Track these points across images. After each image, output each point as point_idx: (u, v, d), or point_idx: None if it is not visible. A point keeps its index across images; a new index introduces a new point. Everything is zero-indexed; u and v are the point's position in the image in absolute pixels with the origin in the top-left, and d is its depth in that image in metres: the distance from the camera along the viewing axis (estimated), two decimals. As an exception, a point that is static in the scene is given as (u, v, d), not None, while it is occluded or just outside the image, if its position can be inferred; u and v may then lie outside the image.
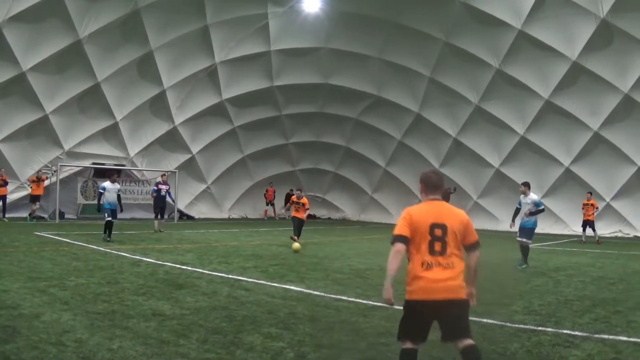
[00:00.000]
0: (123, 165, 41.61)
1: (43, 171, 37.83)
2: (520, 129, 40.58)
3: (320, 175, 51.34)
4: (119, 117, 39.86)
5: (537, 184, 40.02)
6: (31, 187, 36.62)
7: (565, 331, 11.02)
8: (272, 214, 50.72)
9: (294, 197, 28.03)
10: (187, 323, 10.74)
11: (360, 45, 41.58)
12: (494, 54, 38.43)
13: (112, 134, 40.68)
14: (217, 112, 44.33)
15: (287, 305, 12.77)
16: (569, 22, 35.32)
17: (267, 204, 50.51)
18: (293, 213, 27.89)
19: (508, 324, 11.37)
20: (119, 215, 27.56)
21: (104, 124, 39.83)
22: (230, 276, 16.66)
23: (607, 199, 38.94)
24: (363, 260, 22.10)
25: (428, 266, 7.11)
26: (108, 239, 25.34)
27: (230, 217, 49.00)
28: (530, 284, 16.98)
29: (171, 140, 43.71)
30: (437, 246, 7.19)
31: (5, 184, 35.40)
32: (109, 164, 40.99)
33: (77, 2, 33.49)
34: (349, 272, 18.56)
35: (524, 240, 21.66)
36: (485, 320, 11.44)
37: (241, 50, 41.40)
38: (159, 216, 33.18)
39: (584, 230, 35.19)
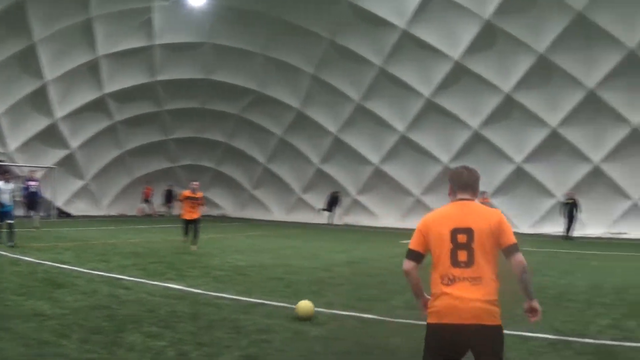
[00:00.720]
0: (2, 161, 40.71)
1: None
2: (401, 127, 41.20)
3: (201, 172, 51.13)
4: (-3, 111, 38.99)
5: (417, 182, 40.93)
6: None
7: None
8: (150, 212, 50.30)
9: (187, 192, 24.99)
10: (68, 323, 10.65)
11: (244, 41, 41.52)
12: (378, 53, 38.98)
13: (-10, 128, 39.71)
14: (98, 107, 43.65)
15: (168, 303, 12.80)
16: (453, 23, 36.23)
17: (143, 202, 50.09)
18: (187, 211, 24.68)
19: (389, 319, 11.61)
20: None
21: (-18, 118, 38.90)
22: (109, 275, 16.57)
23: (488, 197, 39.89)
24: (243, 257, 22.19)
25: (450, 281, 5.76)
26: (10, 243, 23.25)
27: (109, 214, 48.36)
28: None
29: (51, 136, 42.79)
30: (462, 255, 5.78)
31: None
32: (-14, 159, 40.08)
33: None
34: (229, 269, 18.64)
35: None
36: (366, 315, 11.68)
37: (124, 44, 40.95)
38: (32, 213, 32.71)
39: None
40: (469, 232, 5.77)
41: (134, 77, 43.31)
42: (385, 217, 43.63)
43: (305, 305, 11.61)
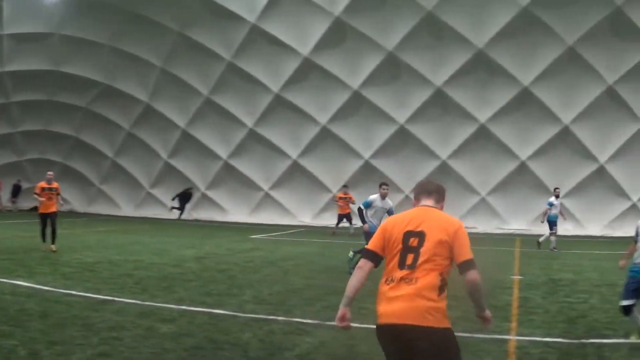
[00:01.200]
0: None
1: None
2: (249, 122, 41.25)
3: (48, 166, 49.79)
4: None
5: (265, 177, 41.13)
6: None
7: (297, 319, 11.50)
8: (-3, 206, 48.95)
9: (42, 184, 23.00)
10: None
11: (92, 32, 40.62)
12: (227, 47, 38.89)
13: None
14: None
15: (17, 301, 12.57)
16: (304, 19, 36.48)
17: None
18: (43, 204, 22.75)
19: (239, 314, 11.71)
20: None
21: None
22: (-47, 272, 16.12)
23: (334, 191, 40.37)
24: (92, 253, 21.94)
25: (391, 281, 5.68)
26: None
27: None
28: (260, 274, 17.52)
29: None
30: (409, 258, 5.67)
31: None
32: None
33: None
34: (78, 265, 18.42)
35: None
36: (215, 310, 11.75)
37: (-30, 33, 39.72)
38: None
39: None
40: (420, 235, 5.72)
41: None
42: (235, 212, 43.64)
43: None
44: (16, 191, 49.08)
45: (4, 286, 14.36)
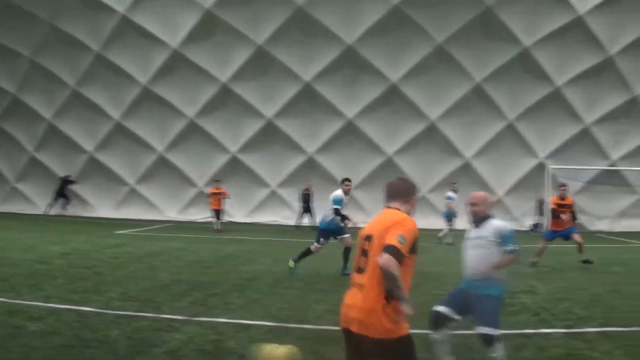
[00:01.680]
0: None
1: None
2: (115, 114, 40.67)
3: None
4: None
5: (131, 171, 40.69)
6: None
7: (165, 315, 11.53)
8: None
9: None
10: None
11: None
12: (96, 38, 38.32)
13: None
14: None
15: None
16: (174, 12, 36.41)
17: None
18: None
19: (107, 311, 11.64)
20: None
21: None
22: None
23: (200, 185, 40.42)
24: None
25: (350, 286, 5.89)
26: None
27: None
28: (126, 270, 17.38)
29: None
30: (362, 262, 5.83)
31: None
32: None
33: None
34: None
35: None
36: (83, 308, 11.62)
37: None
38: None
39: None
40: (369, 238, 5.79)
41: None
42: (101, 207, 43.01)
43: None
44: None
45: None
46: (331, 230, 18.44)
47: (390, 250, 5.45)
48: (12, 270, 16.82)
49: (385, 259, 5.39)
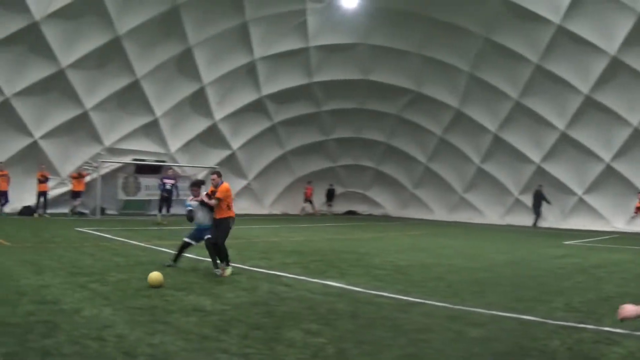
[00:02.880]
0: (164, 162, 41.74)
1: (84, 167, 37.96)
2: (560, 124, 40.07)
3: (361, 172, 51.23)
4: (158, 113, 40.06)
5: (578, 180, 39.88)
6: (72, 183, 36.82)
7: (606, 328, 10.83)
8: (311, 211, 50.62)
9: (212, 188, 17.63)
10: (228, 318, 10.72)
11: (399, 40, 41.35)
12: (533, 49, 37.99)
13: (152, 130, 40.87)
14: (256, 108, 44.39)
15: (328, 301, 12.70)
16: (608, 17, 34.95)
17: (305, 201, 50.45)
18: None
19: (549, 321, 11.22)
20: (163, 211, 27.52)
21: (144, 120, 40.07)
22: (270, 272, 16.67)
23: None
24: (404, 256, 21.97)
25: None
26: None
27: (271, 213, 48.95)
28: (571, 281, 16.79)
29: (211, 136, 43.77)
30: None
31: (46, 180, 35.56)
32: (149, 160, 41.31)
33: (115, -1, 33.91)
34: (390, 268, 18.40)
35: None
36: (525, 316, 11.31)
37: (280, 47, 41.46)
38: (162, 210, 33.61)
39: None
40: None
41: (291, 78, 43.76)
42: (546, 216, 42.63)
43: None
44: (330, 195, 50.67)
45: (315, 286, 14.59)
46: None
47: None
48: (457, 277, 16.87)
49: None
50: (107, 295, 12.37)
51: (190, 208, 17.27)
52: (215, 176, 16.87)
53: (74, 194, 36.69)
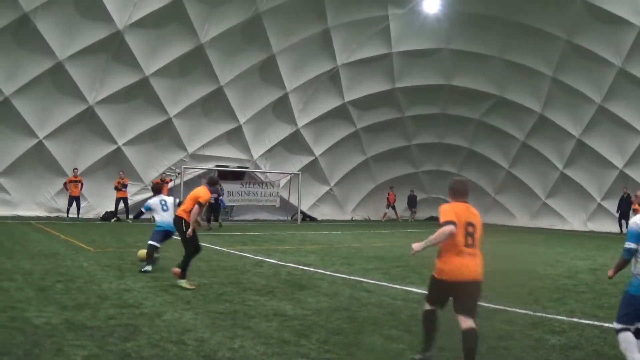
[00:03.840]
0: (247, 168, 42.09)
1: (167, 173, 38.44)
2: (641, 129, 39.36)
3: (443, 177, 50.85)
4: (242, 120, 40.40)
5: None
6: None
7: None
8: (394, 217, 50.52)
9: None
10: (308, 323, 10.77)
11: (481, 45, 41.08)
12: (616, 52, 37.18)
13: (235, 136, 41.29)
14: (339, 114, 44.51)
15: (409, 307, 12.65)
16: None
17: (388, 207, 50.37)
18: None
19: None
20: (244, 217, 27.68)
21: (227, 126, 40.47)
22: (352, 277, 16.65)
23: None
24: (485, 262, 21.72)
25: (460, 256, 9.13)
26: None
27: (353, 218, 49.04)
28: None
29: (294, 143, 44.07)
30: (469, 240, 9.22)
31: (124, 187, 36.08)
32: (232, 166, 41.74)
33: (198, 8, 34.30)
34: (472, 274, 18.19)
35: None
36: (606, 324, 11.12)
37: (362, 53, 41.52)
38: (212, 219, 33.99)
39: None
40: (472, 225, 9.39)
41: (374, 84, 43.78)
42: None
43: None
44: (412, 201, 50.53)
45: (397, 292, 14.58)
46: None
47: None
48: (538, 283, 16.69)
49: None
50: (189, 300, 12.53)
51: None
52: None
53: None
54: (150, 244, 17.04)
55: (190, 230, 14.84)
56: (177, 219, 15.47)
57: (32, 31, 31.39)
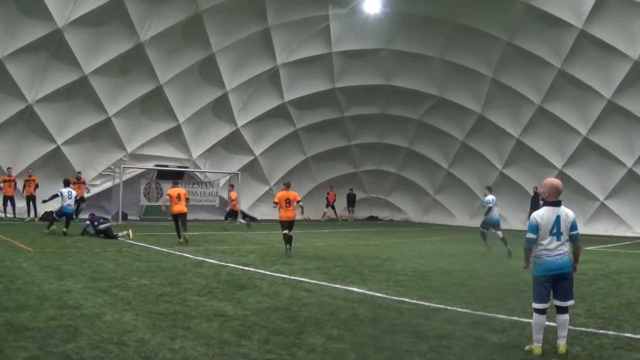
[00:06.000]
0: (186, 167, 41.93)
1: (104, 173, 38.47)
2: (583, 129, 39.74)
3: (383, 177, 51.10)
4: (181, 119, 40.28)
5: (600, 186, 39.59)
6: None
7: (627, 334, 10.89)
8: (334, 216, 50.66)
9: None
10: (249, 324, 10.77)
11: (421, 46, 41.23)
12: (556, 53, 37.61)
13: (175, 136, 41.14)
14: (279, 114, 44.56)
15: (349, 306, 12.73)
16: (630, 21, 34.68)
17: (327, 206, 50.48)
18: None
19: (570, 327, 11.17)
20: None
21: (166, 126, 40.32)
22: (292, 277, 16.70)
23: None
24: (425, 262, 21.93)
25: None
26: None
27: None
28: (592, 287, 16.67)
29: (234, 142, 44.01)
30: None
31: (37, 186, 35.61)
32: (172, 166, 41.53)
33: (138, 6, 34.03)
34: (411, 274, 18.35)
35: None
36: (546, 323, 11.27)
37: (302, 52, 41.55)
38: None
39: None
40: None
41: (314, 84, 43.83)
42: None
43: None
44: (351, 200, 50.68)
45: (337, 292, 14.62)
46: None
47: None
48: (478, 283, 16.88)
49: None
50: (129, 301, 12.48)
51: None
52: None
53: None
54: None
55: None
56: None
57: (-31, 29, 31.07)
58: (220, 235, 31.63)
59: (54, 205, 34.55)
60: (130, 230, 27.47)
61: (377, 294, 14.39)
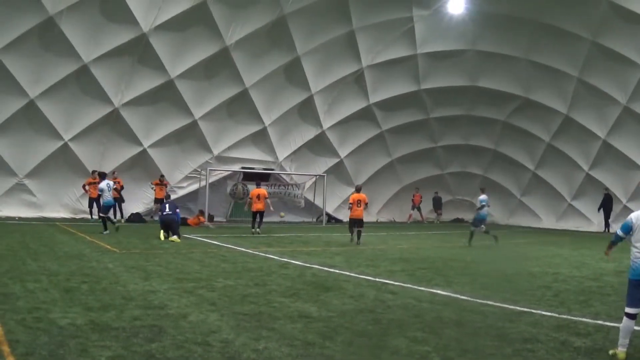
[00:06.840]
0: (272, 170, 42.13)
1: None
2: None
3: (469, 179, 50.72)
4: (267, 122, 40.60)
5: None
6: (154, 190, 37.76)
7: None
8: (420, 218, 50.46)
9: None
10: (333, 325, 10.70)
11: (506, 46, 40.88)
12: None
13: (260, 138, 41.46)
14: (364, 116, 44.58)
15: (434, 309, 12.60)
16: None
17: (413, 208, 50.28)
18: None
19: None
20: (268, 218, 28.13)
21: (252, 128, 40.65)
22: (377, 279, 16.60)
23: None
24: (511, 265, 21.70)
25: None
26: None
27: (378, 220, 48.94)
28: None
29: (319, 145, 44.20)
30: None
31: (122, 188, 35.97)
32: (258, 168, 41.77)
33: (223, 10, 34.43)
34: (497, 276, 18.20)
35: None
36: (635, 327, 11.05)
37: (387, 54, 41.52)
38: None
39: None
40: None
41: (399, 86, 43.74)
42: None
43: None
44: (437, 203, 50.40)
45: (422, 294, 14.50)
46: None
47: None
48: (564, 286, 16.56)
49: None
50: (214, 301, 12.52)
51: None
52: None
53: (156, 200, 37.23)
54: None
55: None
56: None
57: (57, 34, 31.61)
58: (305, 236, 31.71)
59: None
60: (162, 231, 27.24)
61: (462, 297, 14.25)
